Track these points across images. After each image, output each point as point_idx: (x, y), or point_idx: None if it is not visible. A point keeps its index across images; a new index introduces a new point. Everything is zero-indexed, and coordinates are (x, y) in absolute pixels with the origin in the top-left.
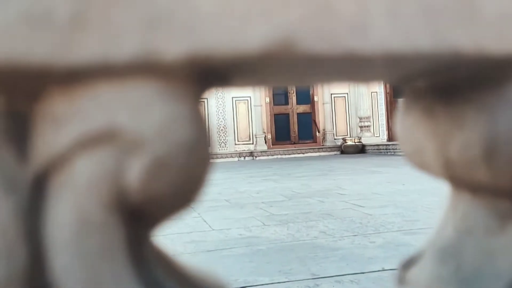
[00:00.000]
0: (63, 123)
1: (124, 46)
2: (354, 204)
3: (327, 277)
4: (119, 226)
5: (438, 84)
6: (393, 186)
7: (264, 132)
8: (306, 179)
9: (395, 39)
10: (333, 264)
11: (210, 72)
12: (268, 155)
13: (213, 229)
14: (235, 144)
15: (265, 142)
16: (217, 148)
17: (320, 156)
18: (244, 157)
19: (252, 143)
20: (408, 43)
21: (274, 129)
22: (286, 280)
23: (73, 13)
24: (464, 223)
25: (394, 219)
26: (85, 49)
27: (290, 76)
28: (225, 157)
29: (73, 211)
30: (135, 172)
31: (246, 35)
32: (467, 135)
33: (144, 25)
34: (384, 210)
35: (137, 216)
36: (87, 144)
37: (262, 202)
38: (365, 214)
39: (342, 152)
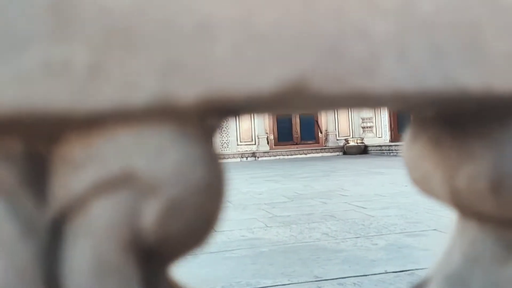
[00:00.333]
0: (80, 166)
1: (140, 92)
2: (357, 206)
3: (330, 280)
4: (135, 266)
5: (445, 114)
6: (396, 188)
7: (267, 133)
8: (308, 180)
9: (404, 79)
10: (336, 267)
11: (222, 110)
12: (270, 156)
13: (216, 231)
14: (237, 145)
15: (268, 143)
16: (219, 149)
17: (322, 156)
18: (247, 157)
19: (255, 144)
20: (416, 83)
21: (276, 129)
22: (289, 282)
23: (91, 61)
24: (471, 251)
25: (397, 220)
26: (103, 96)
27: (299, 108)
28: (228, 158)
29: (90, 254)
30: (151, 215)
31: (259, 78)
32: (474, 167)
33: (159, 71)
34: (387, 211)
35: (153, 255)
36: (104, 187)
37: (265, 203)
38: (368, 216)
39: (345, 153)
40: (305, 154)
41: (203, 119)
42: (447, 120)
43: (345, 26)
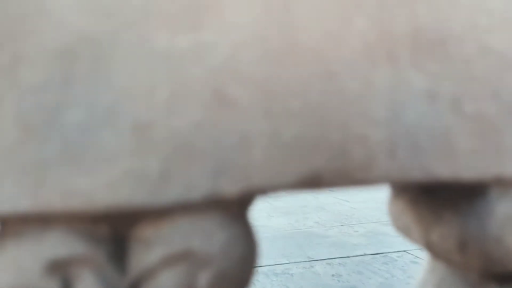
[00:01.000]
0: (151, 245)
1: (197, 191)
2: (342, 200)
3: (320, 260)
4: None
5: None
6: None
7: None
8: None
9: (393, 172)
10: (325, 249)
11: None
12: None
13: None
14: None
15: None
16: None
17: None
18: None
19: None
20: (402, 174)
21: None
22: (287, 262)
23: (161, 169)
24: (442, 285)
25: (374, 212)
26: (170, 195)
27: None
28: None
29: None
30: (204, 282)
31: (284, 175)
32: (444, 229)
33: (211, 174)
34: (366, 204)
35: None
36: (169, 261)
37: (268, 197)
38: (351, 208)
39: None
40: None
41: (243, 204)
42: (423, 187)
43: (349, 135)
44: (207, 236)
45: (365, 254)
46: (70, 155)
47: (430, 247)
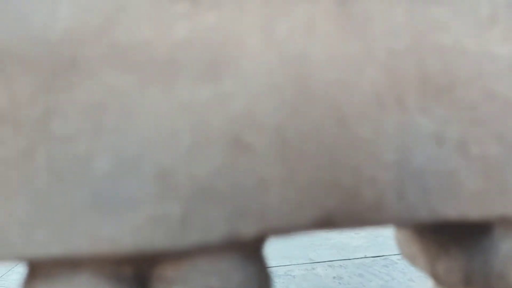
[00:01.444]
0: (172, 285)
1: (215, 233)
2: None
3: (321, 262)
4: None
5: None
6: None
7: None
8: None
9: (401, 213)
10: (326, 251)
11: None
12: None
13: None
14: None
15: None
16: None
17: None
18: None
19: None
20: (410, 215)
21: None
22: (289, 263)
23: (182, 213)
24: None
25: None
26: (190, 238)
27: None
28: None
29: None
30: None
31: (299, 217)
32: (450, 262)
33: (229, 217)
34: None
35: None
36: None
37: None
38: None
39: None
40: None
41: (258, 244)
42: None
43: (360, 177)
44: (224, 276)
45: (365, 257)
46: (98, 202)
47: (435, 277)
